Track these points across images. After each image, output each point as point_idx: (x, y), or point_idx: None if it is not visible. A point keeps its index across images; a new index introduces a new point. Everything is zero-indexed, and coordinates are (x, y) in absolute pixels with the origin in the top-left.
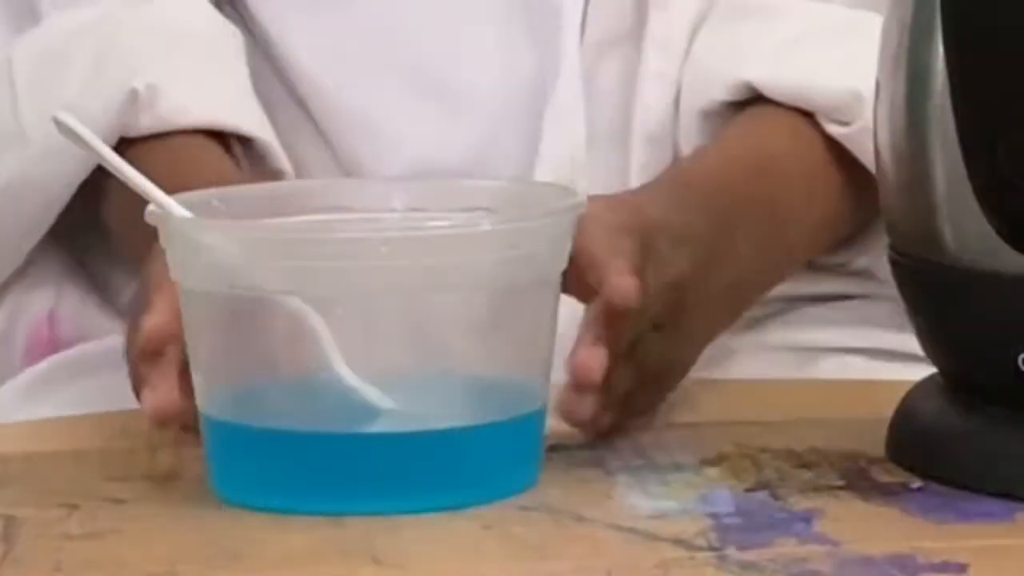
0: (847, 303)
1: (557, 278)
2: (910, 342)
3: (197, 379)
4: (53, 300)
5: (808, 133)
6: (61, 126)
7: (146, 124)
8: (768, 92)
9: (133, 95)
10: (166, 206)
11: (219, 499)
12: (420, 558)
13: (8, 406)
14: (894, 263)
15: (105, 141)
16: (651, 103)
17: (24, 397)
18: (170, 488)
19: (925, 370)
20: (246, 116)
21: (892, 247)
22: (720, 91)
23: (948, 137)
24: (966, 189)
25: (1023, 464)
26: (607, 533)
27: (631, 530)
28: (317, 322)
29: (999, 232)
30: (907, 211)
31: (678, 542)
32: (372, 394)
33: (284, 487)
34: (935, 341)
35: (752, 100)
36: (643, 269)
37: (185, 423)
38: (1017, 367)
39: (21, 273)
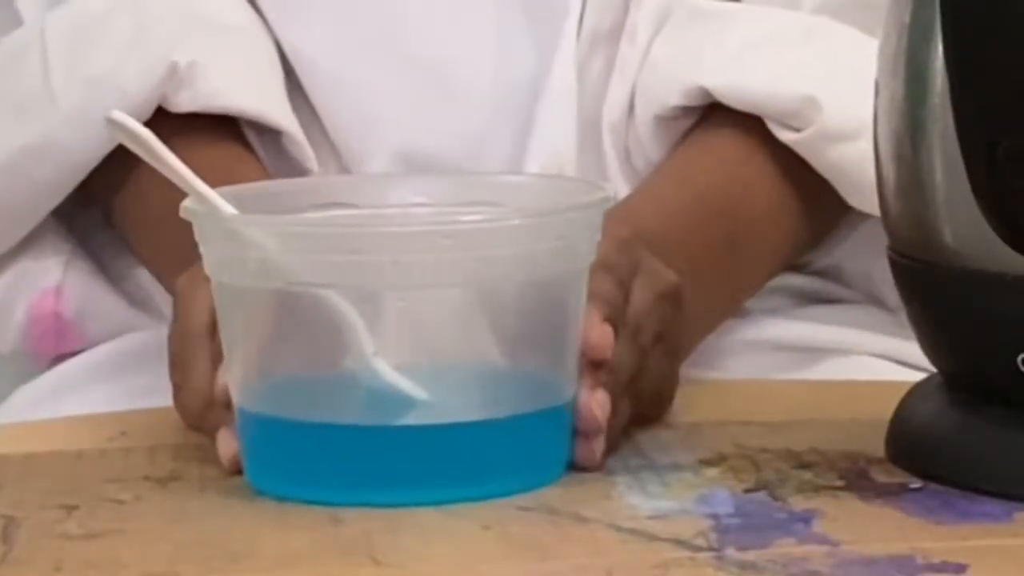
0: (842, 306)
1: (587, 271)
2: (910, 350)
3: (233, 373)
4: (61, 274)
5: (763, 149)
6: (115, 126)
7: (184, 101)
8: (723, 98)
9: (173, 68)
10: (219, 205)
11: (223, 499)
12: (419, 558)
13: (33, 404)
14: (894, 263)
15: (141, 111)
16: (614, 91)
17: (50, 396)
18: (170, 488)
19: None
20: (282, 110)
21: (892, 248)
22: (675, 96)
23: (948, 137)
24: (966, 190)
25: (1023, 464)
26: (606, 533)
27: (630, 530)
28: (354, 316)
29: (998, 233)
30: (907, 212)
31: (677, 542)
32: (408, 386)
33: (321, 479)
34: (935, 341)
35: (706, 105)
36: (630, 285)
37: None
38: (1017, 367)
39: (29, 244)
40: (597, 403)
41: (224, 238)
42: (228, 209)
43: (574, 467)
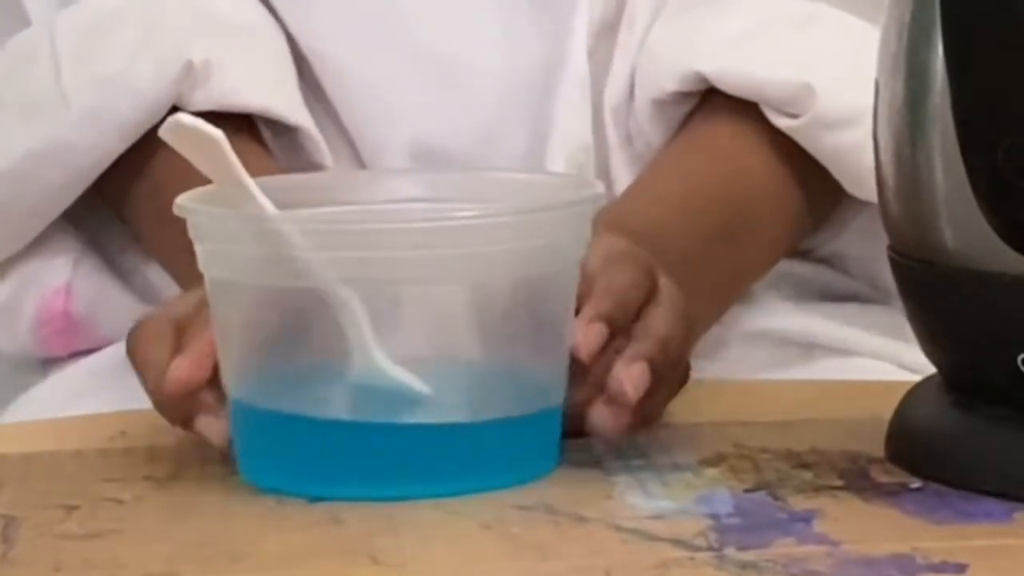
0: (847, 305)
1: (577, 267)
2: (911, 353)
3: (229, 369)
4: (71, 273)
5: (760, 135)
6: (180, 129)
7: (199, 99)
8: (719, 84)
9: (188, 67)
10: (266, 208)
11: (223, 499)
12: (419, 558)
13: (44, 407)
14: (894, 263)
15: (155, 110)
16: (616, 75)
17: (61, 398)
18: (170, 488)
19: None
20: (296, 106)
21: (892, 247)
22: (672, 82)
23: (948, 137)
24: (966, 189)
25: (1023, 464)
26: (606, 533)
27: (630, 530)
28: (360, 311)
29: (999, 233)
30: (907, 212)
31: (677, 542)
32: (411, 381)
33: (316, 474)
34: (935, 341)
35: (704, 90)
36: (651, 288)
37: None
38: (1017, 367)
39: (37, 243)
40: (631, 375)
41: (228, 234)
42: (270, 207)
43: (580, 461)
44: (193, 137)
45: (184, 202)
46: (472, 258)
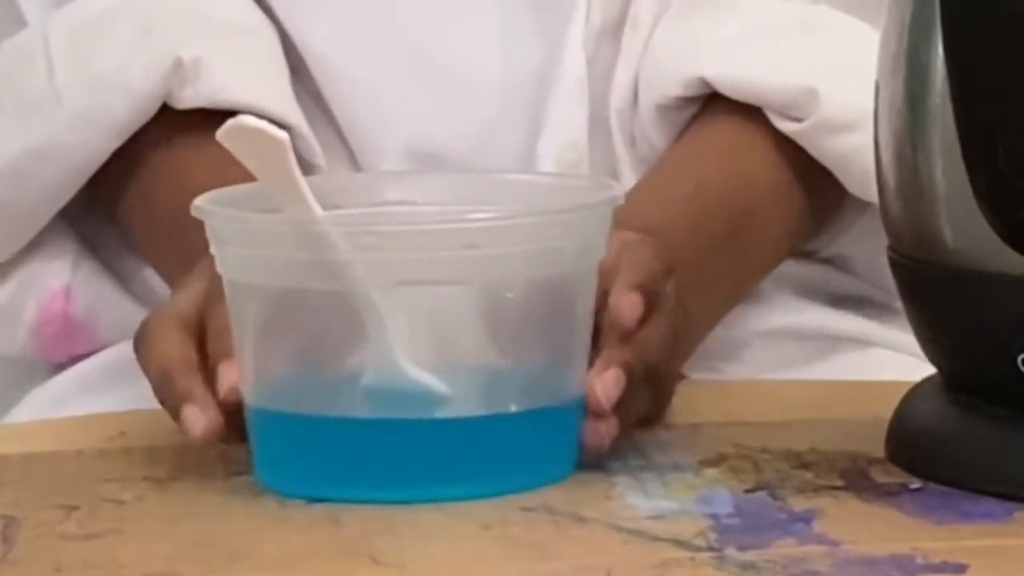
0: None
1: (596, 269)
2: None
3: (245, 371)
4: (70, 275)
5: (763, 137)
6: (240, 129)
7: (188, 96)
8: (722, 88)
9: (178, 64)
10: (316, 211)
11: (223, 499)
12: (419, 558)
13: (44, 409)
14: (894, 263)
15: (146, 108)
16: (620, 78)
17: (61, 400)
18: (170, 488)
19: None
20: (287, 105)
21: (892, 248)
22: (675, 87)
23: (948, 137)
24: (966, 189)
25: (1023, 464)
26: (607, 533)
27: (631, 531)
28: (388, 313)
29: (999, 233)
30: (907, 212)
31: (677, 542)
32: (432, 383)
33: (330, 475)
34: (935, 341)
35: (707, 94)
36: (662, 283)
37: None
38: (1017, 367)
39: (36, 246)
40: (603, 383)
41: (251, 237)
42: (319, 210)
43: (581, 462)
44: (253, 139)
45: (204, 204)
46: (491, 259)
